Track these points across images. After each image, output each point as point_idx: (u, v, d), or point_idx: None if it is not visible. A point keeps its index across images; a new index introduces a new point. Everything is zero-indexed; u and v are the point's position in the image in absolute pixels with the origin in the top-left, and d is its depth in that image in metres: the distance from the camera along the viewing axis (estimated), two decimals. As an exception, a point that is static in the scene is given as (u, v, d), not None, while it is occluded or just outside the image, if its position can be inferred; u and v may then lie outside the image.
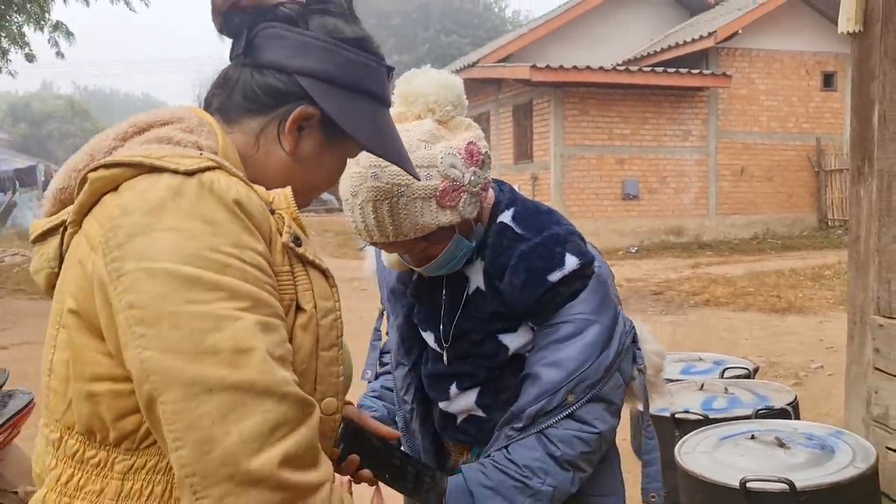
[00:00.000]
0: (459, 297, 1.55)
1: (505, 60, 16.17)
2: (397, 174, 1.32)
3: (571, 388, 1.41)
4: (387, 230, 1.36)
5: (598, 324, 1.43)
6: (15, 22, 10.42)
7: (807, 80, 15.69)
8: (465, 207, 1.40)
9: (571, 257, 1.43)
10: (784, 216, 15.75)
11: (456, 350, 1.56)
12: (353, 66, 1.04)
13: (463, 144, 1.41)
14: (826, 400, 4.65)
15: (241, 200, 0.84)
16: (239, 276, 0.81)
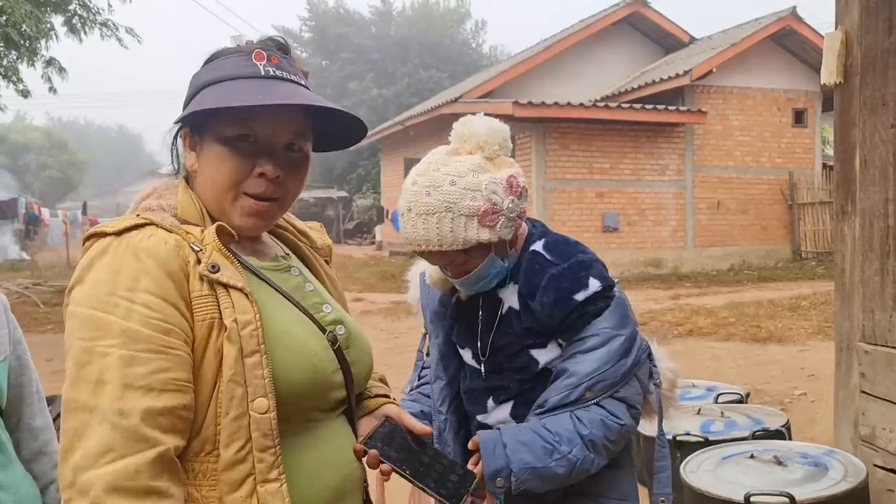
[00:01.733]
0: (494, 316, 1.77)
1: (486, 96, 16.53)
2: (448, 194, 1.57)
3: (590, 386, 1.62)
4: (433, 240, 1.60)
5: (619, 336, 1.65)
6: (9, 58, 10.54)
7: (779, 116, 16.21)
8: (502, 229, 1.64)
9: (595, 280, 1.67)
10: (759, 248, 16.16)
11: (492, 364, 1.77)
12: (196, 77, 1.25)
13: (504, 177, 1.64)
14: (811, 424, 4.86)
15: (149, 248, 1.10)
16: (122, 315, 1.04)
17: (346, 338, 1.29)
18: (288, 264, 1.32)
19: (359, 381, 1.32)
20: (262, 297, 1.18)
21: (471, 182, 1.60)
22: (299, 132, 1.25)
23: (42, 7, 10.52)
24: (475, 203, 1.59)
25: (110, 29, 11.93)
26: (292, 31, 35.42)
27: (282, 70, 1.24)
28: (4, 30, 9.74)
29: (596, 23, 17.77)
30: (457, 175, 1.60)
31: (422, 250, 1.65)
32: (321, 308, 1.29)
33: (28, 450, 1.58)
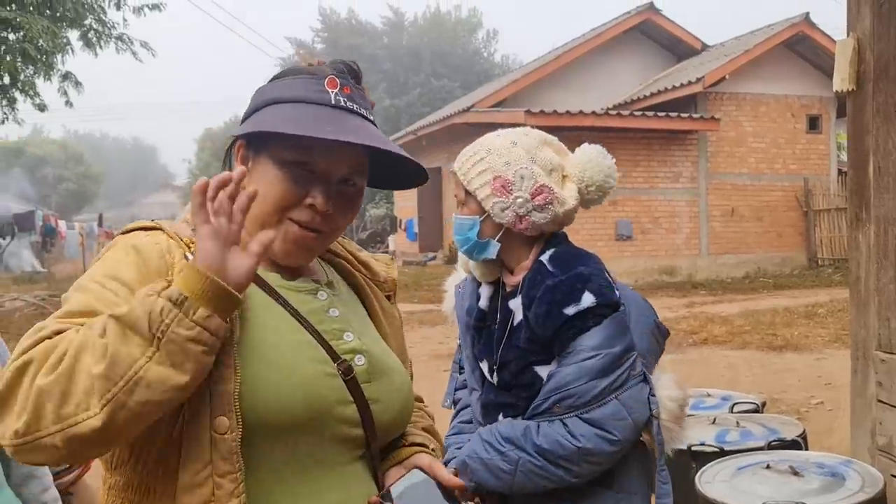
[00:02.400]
0: (505, 327, 1.76)
1: (499, 105, 16.56)
2: (499, 145, 1.72)
3: (558, 400, 1.62)
4: (459, 161, 1.77)
5: (598, 356, 1.62)
6: (26, 73, 10.69)
7: (793, 122, 16.13)
8: (496, 206, 1.70)
9: (589, 295, 1.64)
10: (774, 255, 16.05)
11: (501, 379, 1.77)
12: (261, 92, 1.24)
13: (542, 183, 1.70)
14: (828, 434, 4.81)
15: (139, 245, 1.10)
16: (92, 296, 1.04)
17: (365, 370, 1.19)
18: (316, 287, 1.24)
19: (384, 422, 1.20)
20: (261, 313, 1.12)
21: (519, 156, 1.71)
22: (357, 168, 1.22)
23: (58, 22, 10.66)
24: (504, 168, 1.70)
25: (125, 43, 12.07)
26: (305, 43, 35.70)
27: (352, 102, 1.21)
28: (22, 45, 9.88)
29: (607, 31, 17.78)
30: (522, 145, 1.72)
31: (452, 167, 1.79)
32: (341, 335, 1.20)
33: (18, 474, 1.57)
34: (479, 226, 1.74)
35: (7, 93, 10.67)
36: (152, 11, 12.13)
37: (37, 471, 1.62)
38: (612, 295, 1.68)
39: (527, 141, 1.74)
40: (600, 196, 1.83)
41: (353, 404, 1.15)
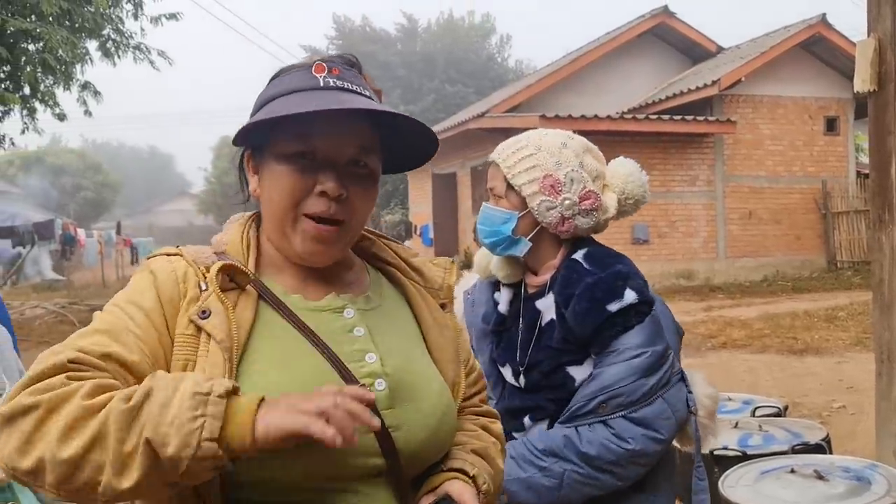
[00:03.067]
0: (533, 328, 1.74)
1: (513, 110, 16.55)
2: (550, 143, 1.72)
3: (604, 400, 1.59)
4: (504, 153, 1.76)
5: (644, 353, 1.61)
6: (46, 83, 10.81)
7: (810, 124, 16.01)
8: (542, 206, 1.70)
9: (631, 292, 1.65)
10: (793, 258, 15.92)
11: (529, 381, 1.74)
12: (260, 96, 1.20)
13: (590, 189, 1.72)
14: (851, 438, 4.77)
15: (157, 271, 1.11)
16: (112, 317, 1.06)
17: (385, 395, 1.11)
18: (343, 305, 1.17)
19: (410, 450, 1.11)
20: (272, 339, 1.08)
21: (570, 158, 1.71)
22: (364, 146, 1.15)
23: (77, 33, 10.77)
24: (555, 168, 1.69)
25: (143, 52, 12.19)
26: (320, 50, 35.87)
27: (343, 81, 1.14)
28: (42, 55, 10.00)
29: (622, 35, 17.73)
30: (571, 148, 1.73)
31: (491, 158, 1.79)
32: (362, 356, 1.12)
33: None
34: (515, 221, 1.73)
35: (27, 103, 10.80)
36: (169, 21, 12.26)
37: None
38: (650, 293, 1.70)
39: (574, 144, 1.75)
40: (634, 209, 1.85)
41: (369, 433, 1.03)
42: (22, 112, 10.93)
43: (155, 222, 48.69)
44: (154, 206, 67.18)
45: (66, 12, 9.98)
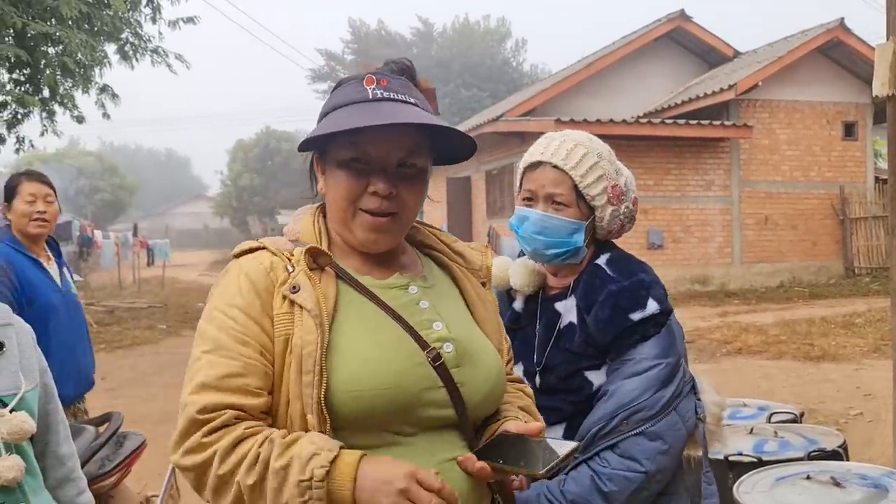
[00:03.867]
0: (552, 330, 1.74)
1: (528, 114, 16.54)
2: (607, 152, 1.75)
3: (627, 416, 1.58)
4: (565, 157, 1.71)
5: (659, 364, 1.61)
6: (65, 86, 10.92)
7: (828, 129, 15.89)
8: (607, 213, 1.72)
9: (653, 302, 1.65)
10: (810, 264, 15.80)
11: (545, 382, 1.73)
12: (323, 108, 1.36)
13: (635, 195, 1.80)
14: (868, 446, 4.72)
15: (248, 269, 1.27)
16: (216, 325, 1.23)
17: (453, 356, 1.29)
18: (407, 282, 1.35)
19: (473, 402, 1.30)
20: (357, 313, 1.26)
21: (622, 167, 1.78)
22: (411, 149, 1.30)
23: (96, 36, 10.88)
24: (616, 176, 1.73)
25: (160, 56, 12.29)
26: (335, 54, 36.03)
27: (391, 91, 1.30)
28: (61, 59, 10.10)
29: (638, 39, 17.67)
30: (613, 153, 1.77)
31: (543, 159, 1.71)
32: (430, 325, 1.30)
33: (54, 477, 1.60)
34: (584, 231, 1.72)
35: (47, 105, 10.91)
36: (187, 24, 12.35)
37: (72, 474, 1.65)
38: (669, 303, 1.70)
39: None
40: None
41: (442, 388, 1.25)
42: (41, 114, 11.04)
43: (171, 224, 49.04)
44: (170, 209, 67.64)
45: (85, 16, 10.07)
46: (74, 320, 3.24)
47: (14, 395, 1.45)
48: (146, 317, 13.77)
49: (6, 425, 1.41)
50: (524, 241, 1.75)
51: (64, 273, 3.30)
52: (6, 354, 1.49)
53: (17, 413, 1.43)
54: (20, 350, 1.52)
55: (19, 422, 1.42)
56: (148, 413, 6.88)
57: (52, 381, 1.63)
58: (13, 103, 10.48)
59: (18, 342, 1.53)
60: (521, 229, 1.75)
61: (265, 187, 36.47)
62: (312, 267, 1.27)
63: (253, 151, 37.30)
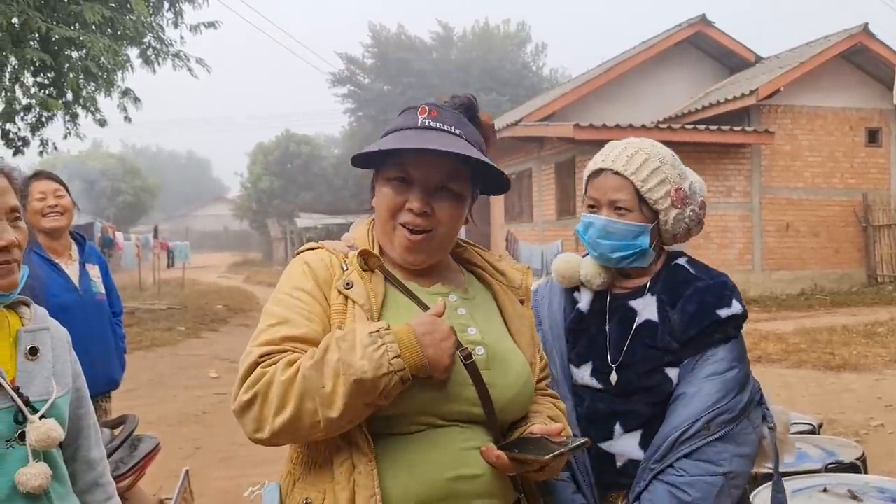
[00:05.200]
0: (626, 328, 1.74)
1: (547, 119, 16.51)
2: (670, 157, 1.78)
3: (710, 419, 1.58)
4: (626, 164, 1.74)
5: (737, 369, 1.64)
6: (88, 89, 11.06)
7: (851, 135, 15.71)
8: (672, 216, 1.74)
9: (737, 303, 1.69)
10: (831, 272, 15.61)
11: (623, 379, 1.71)
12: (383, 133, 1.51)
13: (702, 197, 1.83)
14: (889, 458, 4.65)
15: (309, 261, 1.47)
16: (283, 305, 1.40)
17: (484, 359, 1.41)
18: (448, 291, 1.50)
19: (501, 403, 1.40)
20: (399, 312, 1.39)
21: (687, 172, 1.79)
22: (452, 175, 1.44)
23: (119, 41, 11.01)
24: (681, 181, 1.75)
25: (182, 60, 12.41)
26: (356, 58, 36.17)
27: (439, 121, 1.44)
28: (84, 63, 10.23)
29: (658, 44, 17.59)
30: (677, 157, 1.78)
31: (605, 166, 1.75)
32: (465, 329, 1.43)
33: (83, 481, 1.61)
34: (649, 233, 1.74)
35: (70, 108, 11.05)
36: (208, 29, 12.46)
37: (101, 479, 1.65)
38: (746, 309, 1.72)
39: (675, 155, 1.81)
40: None
41: (472, 386, 1.37)
42: (64, 117, 11.18)
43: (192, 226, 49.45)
44: (191, 211, 68.18)
45: (108, 21, 10.20)
46: (95, 320, 3.25)
47: (45, 400, 1.46)
48: (165, 318, 13.88)
49: (35, 433, 1.42)
50: (590, 246, 1.78)
51: (86, 273, 3.31)
52: (40, 360, 1.49)
53: (47, 420, 1.44)
54: (54, 355, 1.53)
55: (47, 429, 1.43)
56: (165, 414, 6.93)
57: (85, 385, 1.63)
58: (37, 106, 10.62)
59: (53, 347, 1.54)
60: (586, 235, 1.78)
61: (284, 190, 36.60)
62: (364, 268, 1.43)
63: (273, 154, 37.45)
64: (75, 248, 3.37)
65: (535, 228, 17.36)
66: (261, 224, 40.17)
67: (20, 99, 10.72)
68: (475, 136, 1.48)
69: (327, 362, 1.25)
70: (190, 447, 5.80)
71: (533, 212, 17.59)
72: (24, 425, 1.41)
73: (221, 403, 7.53)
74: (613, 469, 1.71)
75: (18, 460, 1.41)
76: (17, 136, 11.14)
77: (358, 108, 36.44)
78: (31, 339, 1.49)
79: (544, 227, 16.86)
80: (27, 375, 1.45)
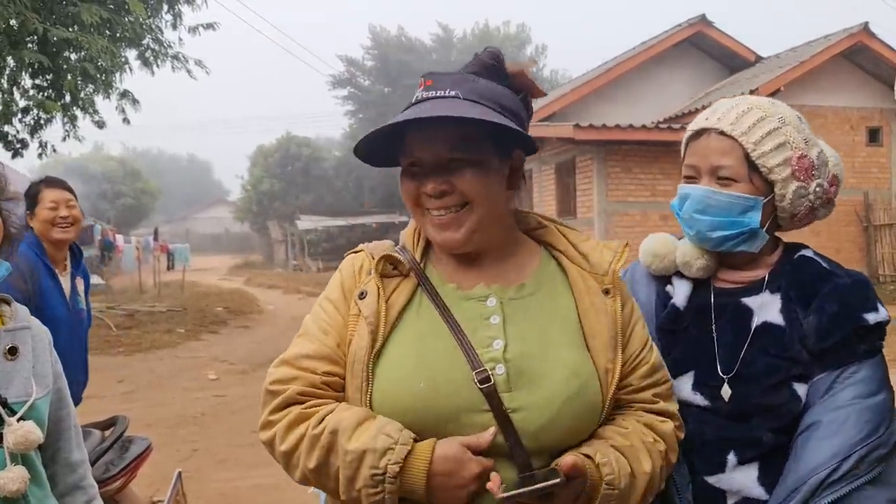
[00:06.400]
0: (742, 331, 1.39)
1: (548, 119, 16.48)
2: (793, 117, 1.45)
3: (865, 454, 1.24)
4: (734, 122, 1.40)
5: (884, 393, 1.31)
6: (86, 91, 11.03)
7: (852, 135, 15.67)
8: (794, 191, 1.38)
9: (883, 308, 1.34)
10: (833, 271, 15.57)
11: (737, 399, 1.36)
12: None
13: (835, 172, 1.47)
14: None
15: (343, 268, 1.40)
16: (313, 314, 1.37)
17: (504, 379, 1.21)
18: (487, 294, 1.30)
19: (530, 430, 1.19)
20: (415, 321, 1.29)
21: (813, 136, 1.43)
22: (455, 142, 1.25)
23: (117, 42, 10.97)
24: (807, 148, 1.40)
25: (181, 61, 12.38)
26: (356, 60, 36.17)
27: (433, 89, 1.27)
28: (82, 64, 10.19)
29: (658, 44, 17.58)
30: (805, 122, 1.44)
31: (708, 125, 1.42)
32: (490, 343, 1.24)
33: (64, 484, 1.57)
34: (761, 209, 1.38)
35: (68, 110, 11.02)
36: (207, 30, 12.43)
37: (83, 482, 1.62)
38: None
39: (803, 118, 1.47)
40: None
41: (489, 413, 1.19)
42: (63, 120, 11.15)
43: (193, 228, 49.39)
44: (192, 213, 68.20)
45: (106, 22, 10.17)
46: (75, 335, 3.21)
47: (24, 402, 1.42)
48: (165, 320, 13.85)
49: (12, 435, 1.38)
50: (686, 223, 1.43)
51: (75, 286, 3.28)
52: (19, 360, 1.46)
53: (25, 423, 1.40)
54: (35, 355, 1.49)
55: (25, 432, 1.39)
56: (163, 417, 6.90)
57: (66, 385, 1.59)
58: (35, 108, 10.59)
59: (34, 346, 1.50)
60: (682, 210, 1.44)
61: (285, 192, 36.61)
62: (391, 274, 1.32)
63: (273, 157, 37.46)
64: (69, 260, 3.34)
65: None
66: (261, 226, 40.19)
67: (18, 101, 10.70)
68: (487, 92, 1.26)
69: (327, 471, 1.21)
70: (188, 449, 5.76)
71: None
72: (1, 427, 1.38)
73: (220, 405, 7.51)
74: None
75: None
76: (16, 139, 11.11)
77: (358, 111, 36.46)
78: (11, 339, 1.46)
79: (545, 228, 16.85)
80: (5, 376, 1.42)
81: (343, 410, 1.22)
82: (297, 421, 1.23)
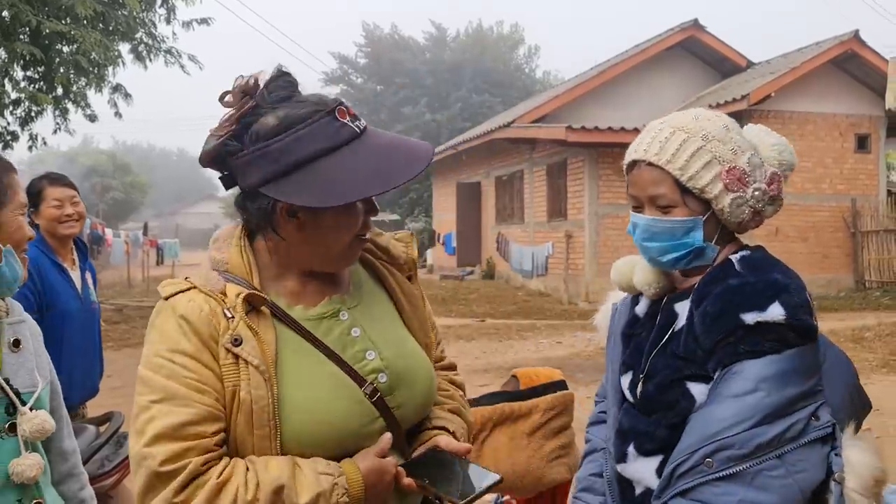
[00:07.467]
0: (664, 332, 1.47)
1: (539, 121, 16.54)
2: (715, 129, 1.44)
3: (711, 452, 1.29)
4: (659, 151, 1.43)
5: (764, 392, 1.28)
6: (78, 84, 10.99)
7: (840, 141, 15.79)
8: (732, 203, 1.42)
9: (778, 308, 1.32)
10: (820, 277, 15.67)
11: (644, 393, 1.46)
12: (286, 151, 1.20)
13: (773, 170, 1.47)
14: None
15: (186, 315, 1.20)
16: (165, 374, 1.18)
17: (387, 385, 1.31)
18: (337, 308, 1.32)
19: (408, 419, 1.35)
20: (293, 356, 1.24)
21: (743, 142, 1.45)
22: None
23: (110, 35, 10.94)
24: (733, 157, 1.42)
25: (174, 56, 12.35)
26: (349, 58, 36.10)
27: (358, 119, 1.26)
28: (75, 57, 10.16)
29: (651, 47, 17.67)
30: (734, 128, 1.46)
31: (637, 157, 1.46)
32: (364, 356, 1.31)
33: (58, 472, 1.62)
34: (702, 227, 1.43)
35: (60, 103, 10.98)
36: (200, 25, 12.41)
37: (75, 469, 1.68)
38: (808, 319, 1.35)
39: (734, 124, 1.48)
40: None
41: (380, 418, 1.29)
42: (54, 112, 11.11)
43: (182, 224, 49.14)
44: (181, 209, 67.87)
45: (99, 15, 10.13)
46: (89, 328, 3.24)
47: (32, 392, 1.46)
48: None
49: (28, 424, 1.42)
50: (640, 249, 1.52)
51: (86, 280, 3.30)
52: (23, 352, 1.50)
53: (39, 412, 1.45)
54: (34, 348, 1.53)
55: (41, 421, 1.43)
56: (152, 412, 6.88)
57: (56, 377, 1.64)
58: (26, 101, 10.55)
59: (32, 340, 1.54)
60: (635, 236, 1.51)
61: (275, 189, 36.47)
62: (248, 310, 1.22)
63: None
64: (76, 254, 3.36)
65: (525, 230, 17.38)
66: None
67: (9, 93, 10.65)
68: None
69: None
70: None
71: (524, 213, 17.61)
72: (13, 417, 1.41)
73: (209, 402, 7.49)
74: (633, 496, 1.48)
75: (8, 452, 1.41)
76: (6, 131, 11.06)
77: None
78: (13, 332, 1.49)
79: (535, 229, 16.89)
80: (13, 367, 1.45)
81: (263, 466, 1.16)
82: (216, 492, 1.13)
